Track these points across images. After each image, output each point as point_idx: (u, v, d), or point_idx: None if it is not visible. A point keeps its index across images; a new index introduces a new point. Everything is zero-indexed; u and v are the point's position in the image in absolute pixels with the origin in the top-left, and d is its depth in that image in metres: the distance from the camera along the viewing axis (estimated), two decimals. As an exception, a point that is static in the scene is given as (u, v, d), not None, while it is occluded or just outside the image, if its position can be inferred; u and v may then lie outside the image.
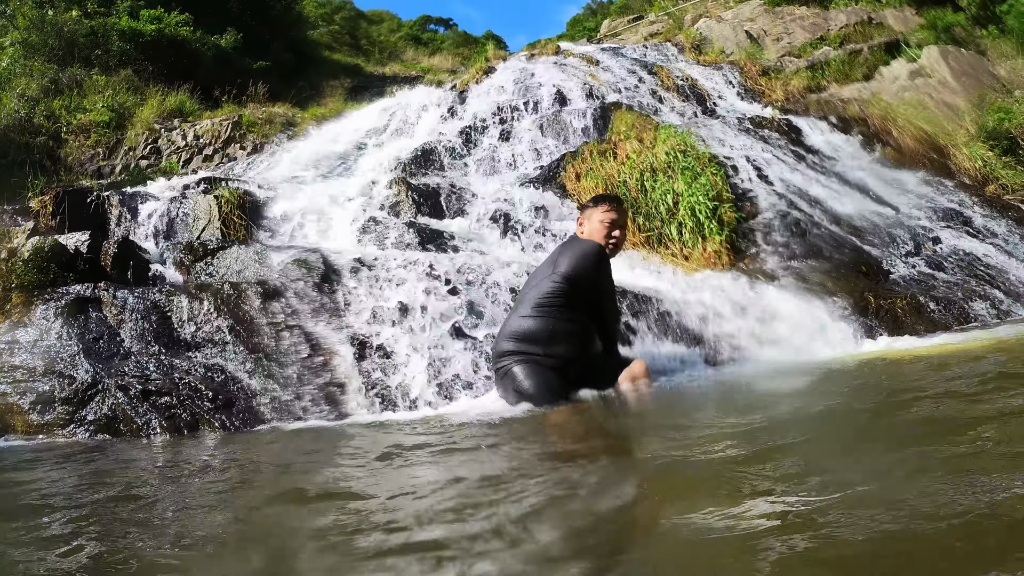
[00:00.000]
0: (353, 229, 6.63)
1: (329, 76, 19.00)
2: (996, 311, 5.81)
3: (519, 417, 3.45)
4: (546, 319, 3.75)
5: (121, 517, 2.12)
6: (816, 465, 1.92)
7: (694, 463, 2.10)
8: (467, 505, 1.90)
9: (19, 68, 15.41)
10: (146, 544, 1.82)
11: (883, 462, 1.88)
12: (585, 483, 2.07)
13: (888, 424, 2.41)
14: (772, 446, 2.19)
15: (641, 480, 2.08)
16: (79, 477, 3.02)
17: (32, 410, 4.37)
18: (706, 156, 7.23)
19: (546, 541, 1.56)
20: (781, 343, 4.78)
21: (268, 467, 2.99)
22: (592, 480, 2.13)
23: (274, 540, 1.78)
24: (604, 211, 3.99)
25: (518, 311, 3.92)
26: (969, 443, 1.92)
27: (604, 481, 2.10)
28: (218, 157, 14.25)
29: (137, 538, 1.87)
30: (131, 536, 1.90)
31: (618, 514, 1.77)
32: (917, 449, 1.96)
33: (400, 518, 1.85)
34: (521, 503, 1.86)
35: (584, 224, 4.07)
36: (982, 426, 2.08)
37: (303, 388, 4.35)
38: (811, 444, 2.23)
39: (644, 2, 25.50)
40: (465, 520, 1.76)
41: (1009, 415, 2.20)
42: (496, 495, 1.97)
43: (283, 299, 4.96)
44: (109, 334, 4.82)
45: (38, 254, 5.53)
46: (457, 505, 1.91)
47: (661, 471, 2.12)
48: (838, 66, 12.38)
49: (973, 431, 2.02)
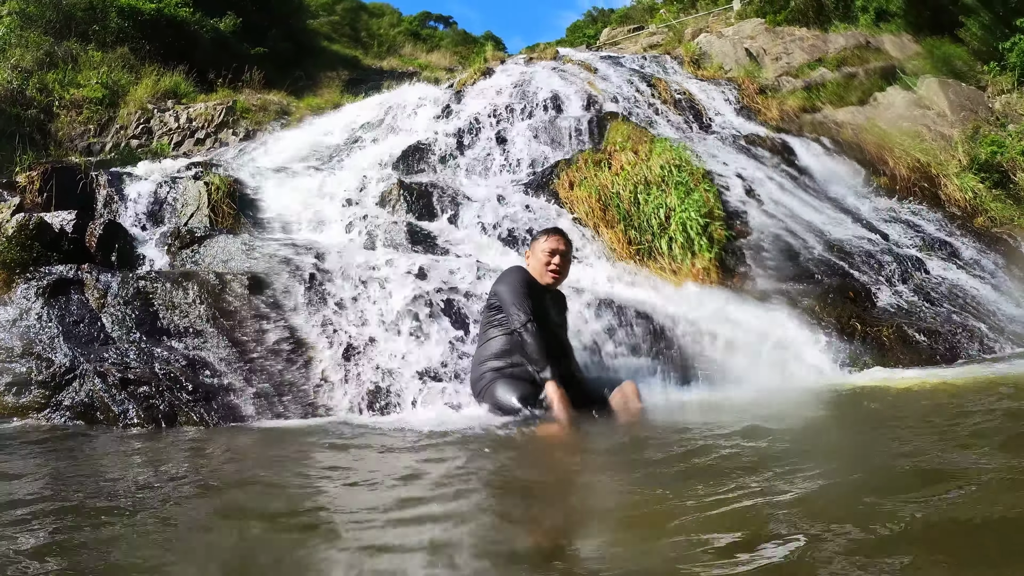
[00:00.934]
0: (344, 225, 6.57)
1: (326, 67, 18.92)
2: (981, 346, 5.83)
3: (495, 424, 3.49)
4: (494, 336, 3.97)
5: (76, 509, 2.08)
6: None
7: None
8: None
9: (14, 38, 15.19)
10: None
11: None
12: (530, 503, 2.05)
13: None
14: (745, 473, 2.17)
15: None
16: (46, 466, 2.96)
17: (8, 392, 4.30)
18: (700, 172, 7.21)
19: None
20: (764, 365, 4.76)
21: (238, 472, 2.92)
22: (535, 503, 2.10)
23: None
24: (545, 240, 4.26)
25: (478, 340, 4.17)
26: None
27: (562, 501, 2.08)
28: (210, 141, 14.17)
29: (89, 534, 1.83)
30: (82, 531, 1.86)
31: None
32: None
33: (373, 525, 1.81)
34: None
35: (529, 256, 4.36)
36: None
37: (284, 385, 4.29)
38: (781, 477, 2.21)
39: (645, 13, 25.59)
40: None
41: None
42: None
43: (269, 292, 4.89)
44: (90, 318, 4.75)
45: (22, 231, 5.47)
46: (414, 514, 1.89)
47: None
48: (834, 88, 12.46)
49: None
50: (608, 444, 3.29)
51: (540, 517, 1.99)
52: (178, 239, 5.97)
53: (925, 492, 1.86)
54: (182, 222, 6.72)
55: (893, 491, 1.88)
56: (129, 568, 1.63)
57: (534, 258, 4.27)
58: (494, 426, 3.45)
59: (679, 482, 2.15)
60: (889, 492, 1.87)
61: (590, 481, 2.50)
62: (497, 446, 3.09)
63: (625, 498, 2.11)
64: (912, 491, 1.87)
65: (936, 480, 1.99)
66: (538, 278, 4.15)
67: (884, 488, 1.94)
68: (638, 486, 2.21)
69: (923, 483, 1.97)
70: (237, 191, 7.14)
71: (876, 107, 11.92)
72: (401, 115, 11.24)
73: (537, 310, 3.87)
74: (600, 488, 2.34)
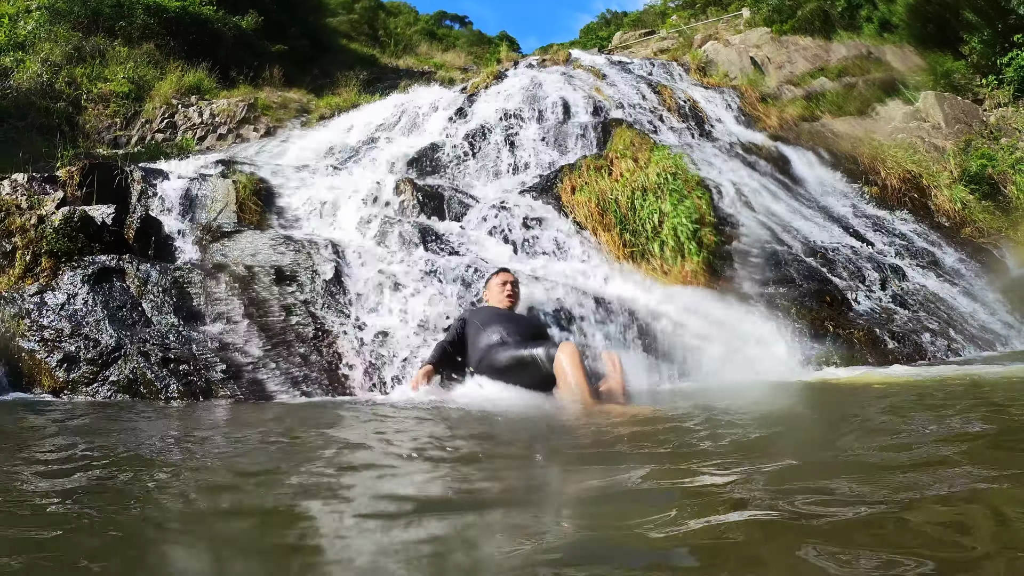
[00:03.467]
0: (360, 223, 7.05)
1: (344, 66, 19.36)
2: (948, 349, 6.29)
3: (486, 404, 4.07)
4: (479, 346, 4.78)
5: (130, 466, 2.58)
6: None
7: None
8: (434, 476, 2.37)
9: (44, 33, 15.62)
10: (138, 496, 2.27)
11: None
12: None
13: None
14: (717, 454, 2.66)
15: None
16: (100, 431, 3.47)
17: (59, 368, 4.83)
18: (694, 179, 7.67)
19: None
20: (737, 360, 5.24)
21: (266, 436, 3.43)
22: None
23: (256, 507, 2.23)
24: (496, 277, 5.22)
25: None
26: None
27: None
28: (231, 137, 14.65)
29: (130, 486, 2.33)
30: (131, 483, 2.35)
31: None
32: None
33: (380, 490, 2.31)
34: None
35: (487, 291, 5.24)
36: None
37: (307, 367, 4.82)
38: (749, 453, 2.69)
39: (656, 17, 25.98)
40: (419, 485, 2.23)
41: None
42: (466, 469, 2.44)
43: (294, 284, 5.43)
44: (132, 303, 5.26)
45: (68, 223, 5.92)
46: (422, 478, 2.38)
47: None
48: (833, 98, 12.86)
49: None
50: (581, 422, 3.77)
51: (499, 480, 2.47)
52: (209, 233, 6.48)
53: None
54: (212, 217, 7.23)
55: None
56: (162, 515, 2.10)
57: (492, 292, 5.15)
58: (488, 402, 4.07)
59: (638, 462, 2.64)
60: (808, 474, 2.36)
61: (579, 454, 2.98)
62: (485, 416, 3.68)
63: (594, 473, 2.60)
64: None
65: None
66: (499, 305, 5.03)
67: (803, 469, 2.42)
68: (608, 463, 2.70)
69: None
70: (262, 189, 7.66)
71: (876, 120, 12.30)
72: (416, 117, 11.73)
73: (503, 328, 4.71)
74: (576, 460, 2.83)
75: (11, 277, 5.58)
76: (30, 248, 5.77)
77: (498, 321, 4.75)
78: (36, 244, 5.77)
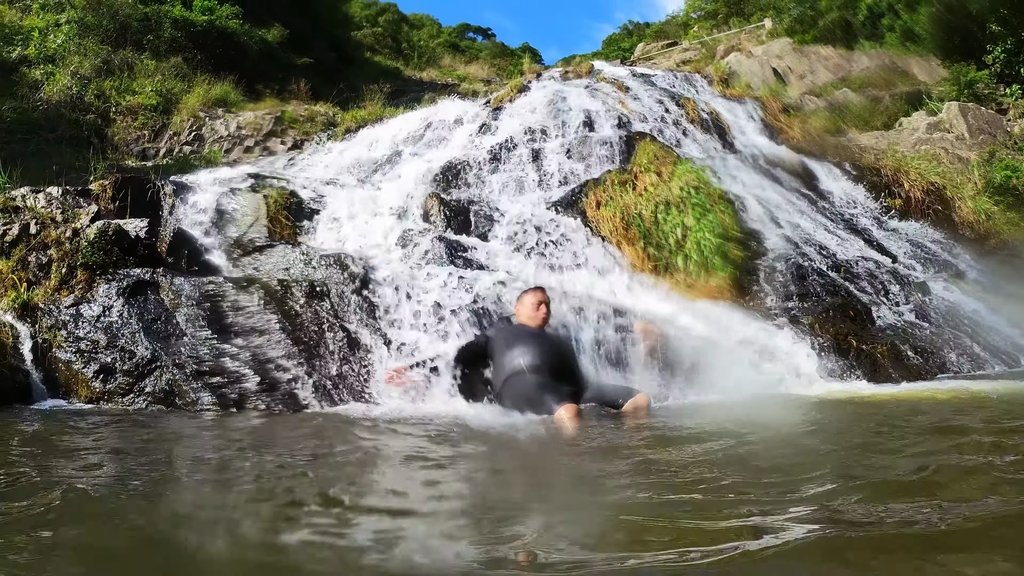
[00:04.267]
0: (389, 238, 7.20)
1: (369, 78, 19.60)
2: (971, 364, 6.31)
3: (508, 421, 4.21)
4: (501, 368, 4.88)
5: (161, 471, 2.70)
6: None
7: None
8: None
9: (73, 46, 15.92)
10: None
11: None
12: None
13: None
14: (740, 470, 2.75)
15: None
16: (138, 438, 3.61)
17: (95, 378, 5.02)
18: (717, 193, 7.75)
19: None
20: (759, 375, 5.31)
21: (302, 448, 3.56)
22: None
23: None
24: (531, 296, 5.13)
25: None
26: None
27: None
28: (258, 149, 14.88)
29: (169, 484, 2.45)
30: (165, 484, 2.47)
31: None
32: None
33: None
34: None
35: (518, 307, 5.19)
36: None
37: (338, 378, 4.96)
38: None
39: (679, 28, 26.07)
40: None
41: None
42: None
43: (326, 299, 5.57)
44: (166, 316, 5.43)
45: (102, 236, 6.09)
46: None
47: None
48: (859, 112, 12.86)
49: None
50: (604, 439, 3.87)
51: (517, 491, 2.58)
52: (240, 247, 6.66)
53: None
54: (242, 231, 7.39)
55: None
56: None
57: (524, 308, 5.11)
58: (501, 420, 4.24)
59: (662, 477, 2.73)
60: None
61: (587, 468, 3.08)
62: (506, 432, 3.81)
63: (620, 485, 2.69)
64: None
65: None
66: (530, 323, 5.03)
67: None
68: (631, 476, 2.80)
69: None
70: (293, 203, 7.82)
71: (900, 132, 12.30)
72: (441, 130, 11.88)
73: (528, 351, 4.77)
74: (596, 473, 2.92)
75: (47, 289, 5.77)
76: (65, 260, 5.96)
77: (527, 342, 4.83)
78: (71, 257, 5.97)
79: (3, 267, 5.92)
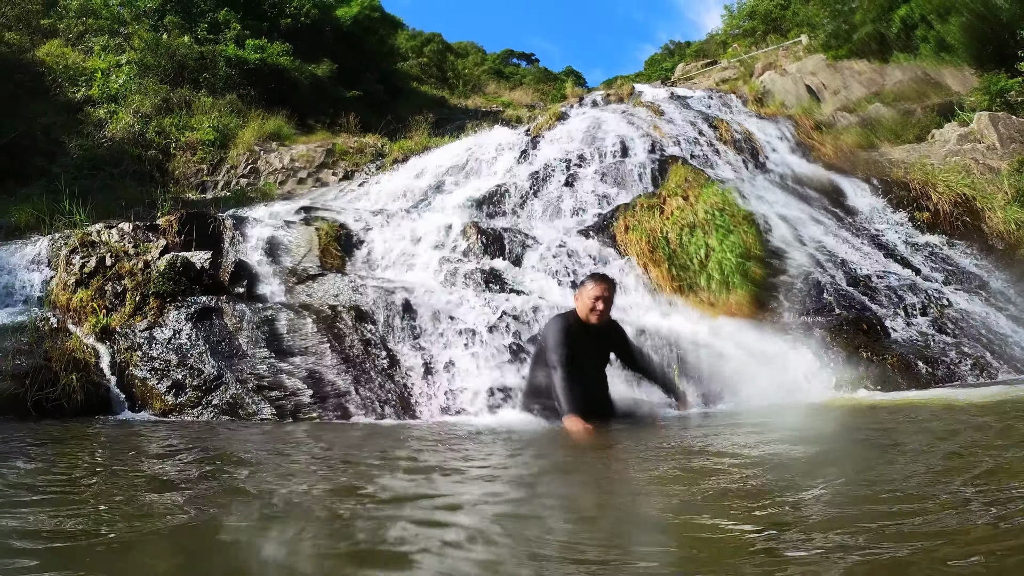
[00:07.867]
0: (430, 266, 7.81)
1: (415, 108, 20.35)
2: (982, 373, 6.60)
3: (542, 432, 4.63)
4: (539, 374, 4.84)
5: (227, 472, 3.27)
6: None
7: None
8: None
9: (134, 86, 17.11)
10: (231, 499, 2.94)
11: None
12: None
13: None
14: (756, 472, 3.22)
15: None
16: (207, 443, 4.21)
17: (168, 393, 5.76)
18: (741, 214, 8.16)
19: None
20: (776, 386, 5.72)
21: (345, 451, 4.11)
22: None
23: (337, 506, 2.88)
24: (593, 287, 4.82)
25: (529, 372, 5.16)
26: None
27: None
28: (311, 181, 15.68)
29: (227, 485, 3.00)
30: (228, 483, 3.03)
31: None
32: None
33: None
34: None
35: (578, 297, 4.93)
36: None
37: (383, 392, 5.57)
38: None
39: (718, 46, 26.40)
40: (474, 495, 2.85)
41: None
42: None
43: (372, 323, 6.21)
44: (229, 338, 6.13)
45: (171, 268, 6.81)
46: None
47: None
48: (890, 126, 13.04)
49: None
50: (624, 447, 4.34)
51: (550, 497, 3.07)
52: (295, 276, 7.34)
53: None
54: (296, 261, 8.07)
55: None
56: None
57: (581, 300, 4.82)
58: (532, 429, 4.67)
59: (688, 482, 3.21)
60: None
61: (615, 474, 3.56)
62: (535, 440, 4.30)
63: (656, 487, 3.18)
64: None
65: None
66: (583, 317, 4.79)
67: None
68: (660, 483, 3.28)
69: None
70: (342, 234, 8.49)
71: (932, 144, 12.45)
72: (482, 160, 12.50)
73: (573, 355, 4.61)
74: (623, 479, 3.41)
75: (123, 315, 6.50)
76: (139, 289, 6.68)
77: (573, 346, 4.66)
78: (144, 286, 6.69)
79: (84, 296, 6.70)
